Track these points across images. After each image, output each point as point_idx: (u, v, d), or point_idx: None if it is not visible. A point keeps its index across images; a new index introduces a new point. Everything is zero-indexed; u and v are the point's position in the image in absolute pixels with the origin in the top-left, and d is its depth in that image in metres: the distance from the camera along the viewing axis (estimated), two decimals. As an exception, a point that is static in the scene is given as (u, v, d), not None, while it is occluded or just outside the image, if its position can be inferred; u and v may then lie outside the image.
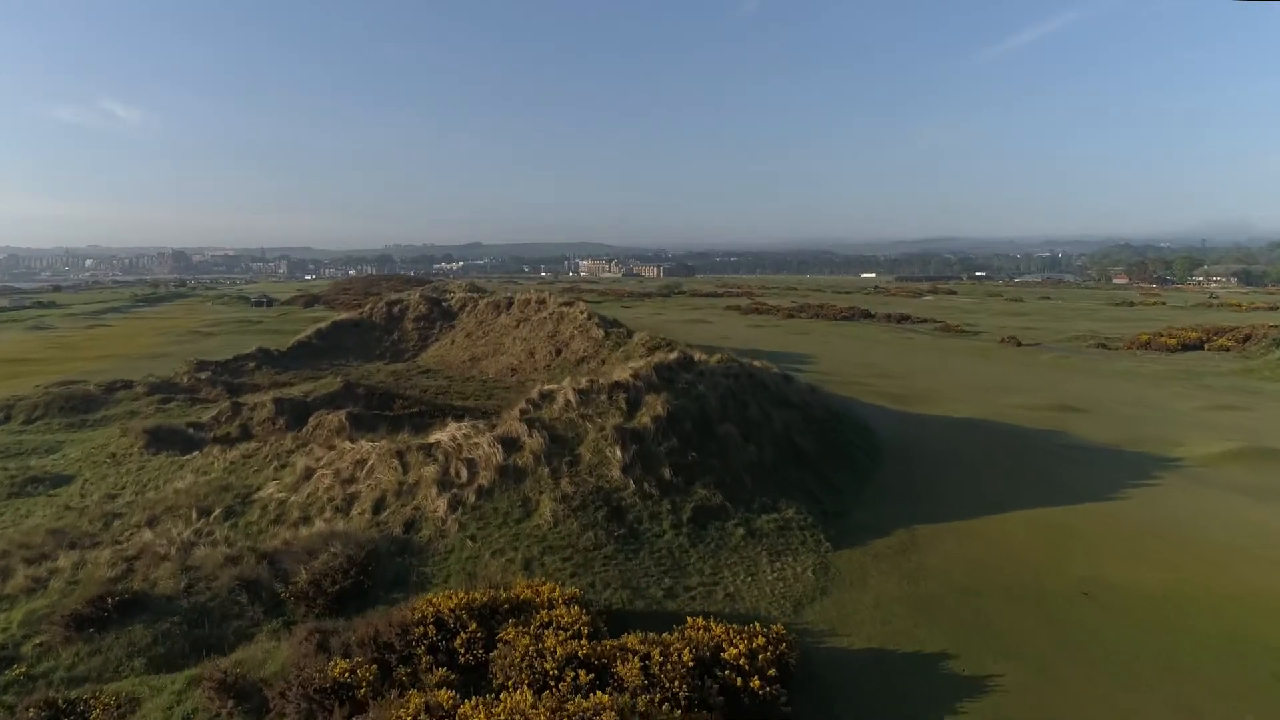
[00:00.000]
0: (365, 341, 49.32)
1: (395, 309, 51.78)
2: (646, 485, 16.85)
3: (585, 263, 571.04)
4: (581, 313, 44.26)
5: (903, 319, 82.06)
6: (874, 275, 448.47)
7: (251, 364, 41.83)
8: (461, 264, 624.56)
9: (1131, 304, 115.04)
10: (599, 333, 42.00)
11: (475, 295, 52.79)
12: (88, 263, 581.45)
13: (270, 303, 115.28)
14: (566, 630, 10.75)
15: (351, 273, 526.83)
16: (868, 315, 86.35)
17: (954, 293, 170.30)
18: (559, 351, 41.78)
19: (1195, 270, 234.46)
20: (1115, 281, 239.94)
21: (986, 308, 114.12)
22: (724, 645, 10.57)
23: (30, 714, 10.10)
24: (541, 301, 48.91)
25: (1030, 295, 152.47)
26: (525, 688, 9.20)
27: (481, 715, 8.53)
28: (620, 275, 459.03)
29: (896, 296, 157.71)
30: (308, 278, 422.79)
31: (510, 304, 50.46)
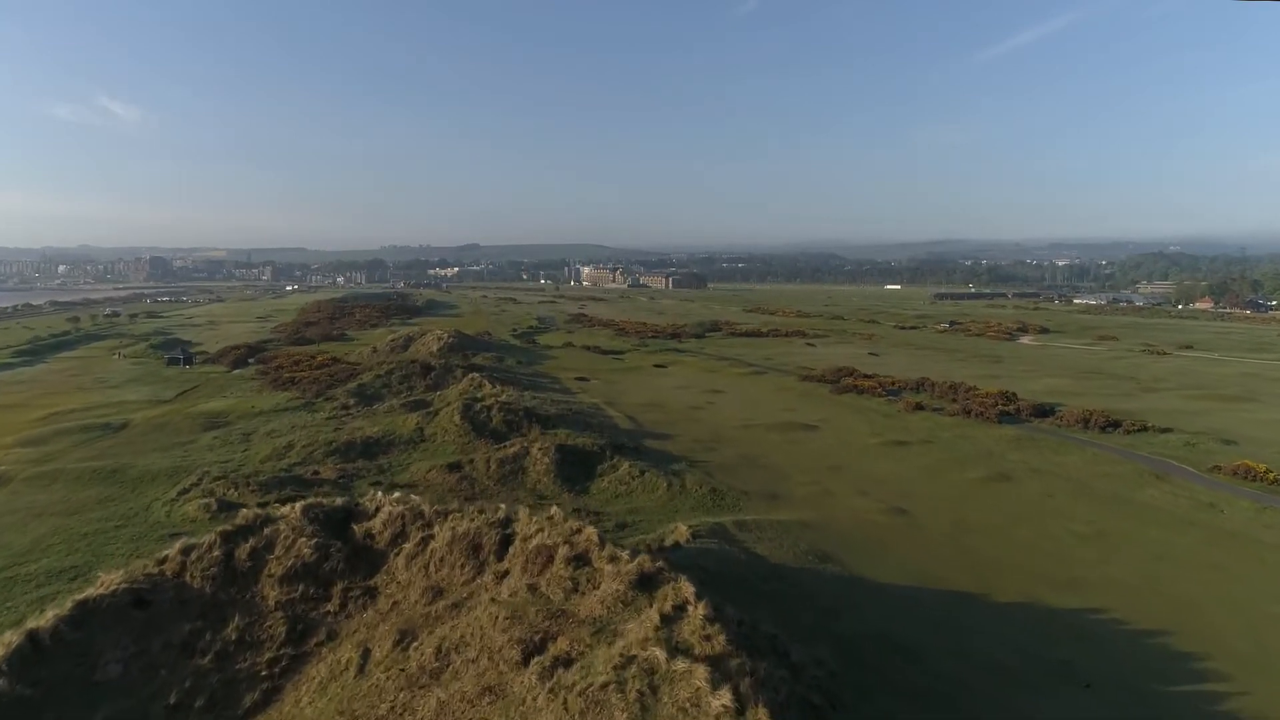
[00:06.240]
0: (153, 655, 20.36)
1: (243, 552, 22.21)
2: None
3: (587, 270, 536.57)
4: (702, 663, 15.43)
5: (1109, 425, 53.73)
6: (899, 287, 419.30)
7: None
8: (456, 269, 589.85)
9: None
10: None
11: (423, 518, 22.83)
12: (60, 269, 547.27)
13: (189, 360, 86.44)
14: None
15: (340, 280, 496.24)
16: (1045, 412, 57.84)
17: (1046, 329, 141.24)
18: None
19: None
20: (1196, 306, 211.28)
21: (1148, 372, 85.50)
22: None
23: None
24: (582, 558, 19.97)
25: (1155, 333, 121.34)
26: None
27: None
28: (625, 285, 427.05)
29: (983, 338, 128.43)
30: (289, 288, 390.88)
31: (507, 542, 21.52)
